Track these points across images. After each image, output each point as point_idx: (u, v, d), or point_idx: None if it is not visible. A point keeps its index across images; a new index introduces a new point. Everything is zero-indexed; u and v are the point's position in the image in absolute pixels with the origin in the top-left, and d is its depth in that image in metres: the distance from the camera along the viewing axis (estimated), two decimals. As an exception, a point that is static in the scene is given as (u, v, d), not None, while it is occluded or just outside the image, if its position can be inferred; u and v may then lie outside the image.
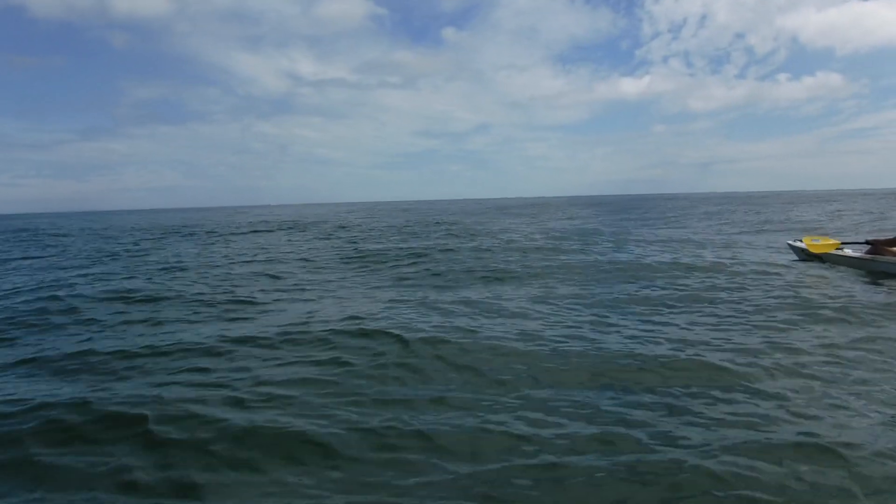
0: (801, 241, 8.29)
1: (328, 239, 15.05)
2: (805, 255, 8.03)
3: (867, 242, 7.54)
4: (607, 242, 11.93)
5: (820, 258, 7.82)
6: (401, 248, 11.06)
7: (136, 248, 13.94)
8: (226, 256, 11.00)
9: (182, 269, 8.97)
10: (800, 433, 2.63)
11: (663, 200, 53.06)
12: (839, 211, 24.41)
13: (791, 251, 8.48)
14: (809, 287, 6.18)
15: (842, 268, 7.41)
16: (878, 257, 7.12)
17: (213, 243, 14.76)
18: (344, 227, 19.75)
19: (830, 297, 5.56)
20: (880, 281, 6.52)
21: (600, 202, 63.59)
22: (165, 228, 23.61)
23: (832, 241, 7.96)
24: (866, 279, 6.70)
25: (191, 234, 18.75)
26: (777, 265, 7.69)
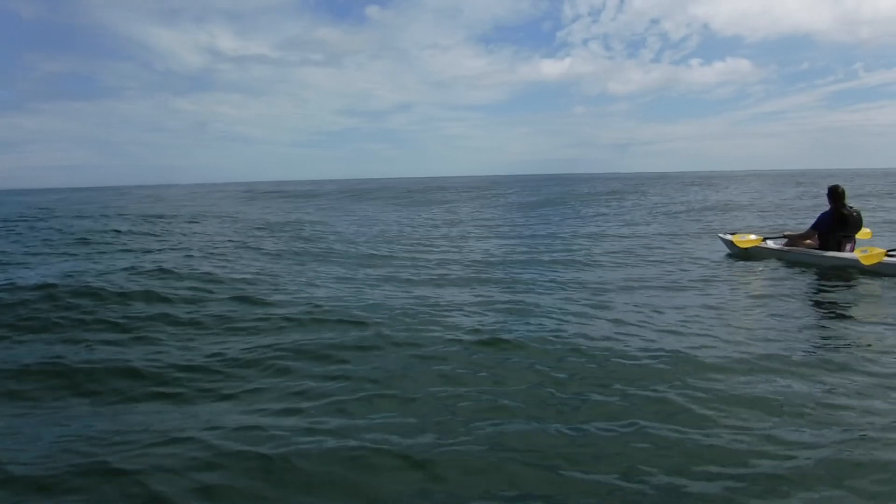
0: (730, 235, 9.45)
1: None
2: (734, 249, 9.19)
3: (784, 236, 8.82)
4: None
5: (747, 251, 9.01)
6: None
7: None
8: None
9: None
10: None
11: (581, 182, 55.13)
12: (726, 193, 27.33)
13: (722, 244, 9.63)
14: (749, 274, 7.49)
15: (765, 259, 8.64)
16: (794, 249, 8.37)
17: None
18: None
19: (769, 280, 6.80)
20: (796, 267, 7.79)
21: (517, 181, 65.61)
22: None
23: (756, 238, 9.16)
24: (786, 267, 7.94)
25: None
26: (712, 257, 8.97)
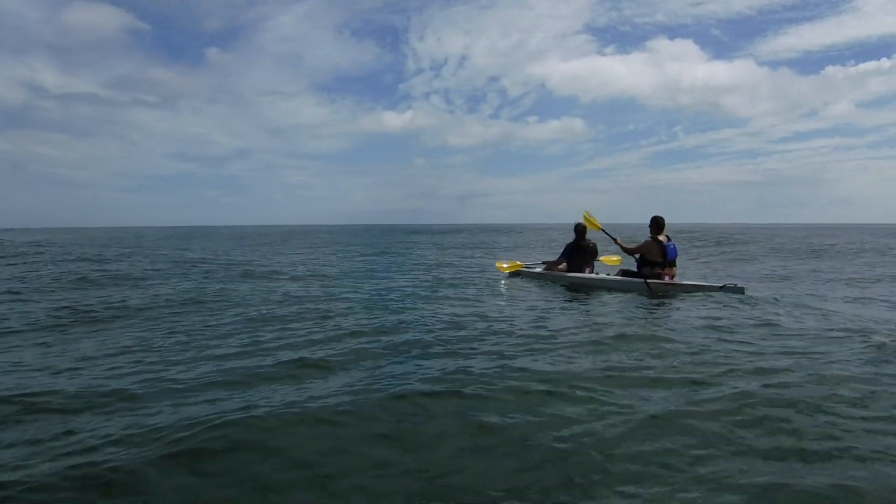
0: (504, 263, 11.17)
1: None
2: (506, 273, 10.84)
3: (543, 262, 10.61)
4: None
5: (518, 274, 10.65)
6: None
7: None
8: None
9: None
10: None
11: (415, 233, 57.78)
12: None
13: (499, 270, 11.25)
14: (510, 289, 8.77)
15: (530, 279, 10.22)
16: (549, 272, 10.08)
17: None
18: None
19: (534, 291, 8.11)
20: (552, 286, 9.34)
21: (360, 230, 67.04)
22: None
23: (517, 263, 10.99)
24: (545, 285, 9.48)
25: None
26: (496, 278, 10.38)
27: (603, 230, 9.57)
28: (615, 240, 9.06)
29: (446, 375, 3.88)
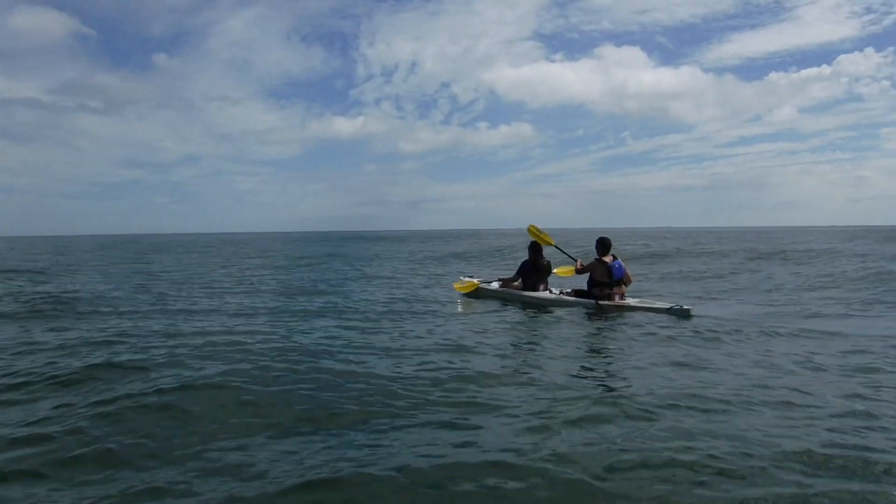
0: (466, 277, 11.15)
1: None
2: (461, 292, 10.81)
3: (499, 279, 10.68)
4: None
5: (477, 293, 10.64)
6: None
7: None
8: None
9: None
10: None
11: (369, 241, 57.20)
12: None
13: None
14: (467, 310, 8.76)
15: (487, 297, 10.27)
16: (505, 289, 10.17)
17: None
18: None
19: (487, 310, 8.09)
20: (506, 302, 9.43)
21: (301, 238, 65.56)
22: None
23: (475, 282, 10.93)
24: (501, 303, 9.55)
25: None
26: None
27: (556, 246, 9.73)
28: (575, 260, 9.28)
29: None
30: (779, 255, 20.21)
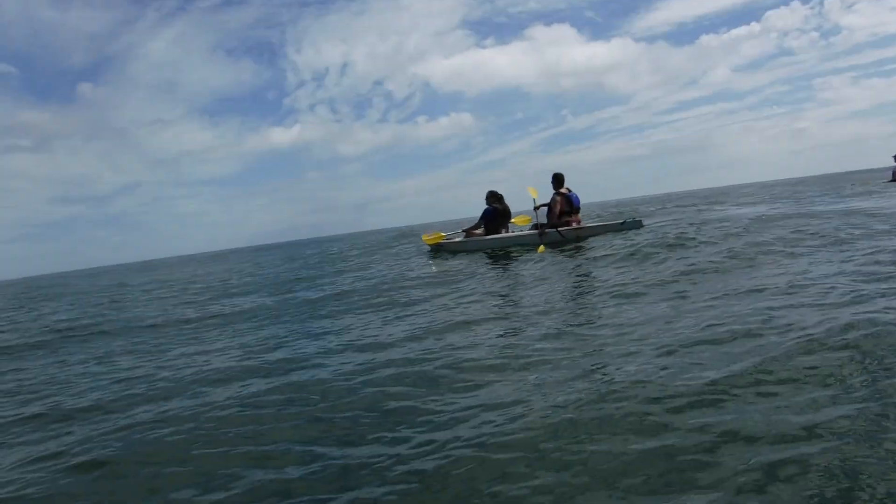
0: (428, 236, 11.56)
1: None
2: (430, 247, 11.21)
3: (463, 230, 11.11)
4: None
5: (441, 245, 11.05)
6: None
7: None
8: None
9: None
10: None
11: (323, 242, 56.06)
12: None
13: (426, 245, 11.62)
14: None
15: (454, 249, 10.66)
16: (469, 239, 10.60)
17: None
18: None
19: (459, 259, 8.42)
20: (469, 251, 9.84)
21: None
22: None
23: (441, 234, 11.41)
24: (465, 252, 9.95)
25: None
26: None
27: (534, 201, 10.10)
28: (537, 207, 9.65)
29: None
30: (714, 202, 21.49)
